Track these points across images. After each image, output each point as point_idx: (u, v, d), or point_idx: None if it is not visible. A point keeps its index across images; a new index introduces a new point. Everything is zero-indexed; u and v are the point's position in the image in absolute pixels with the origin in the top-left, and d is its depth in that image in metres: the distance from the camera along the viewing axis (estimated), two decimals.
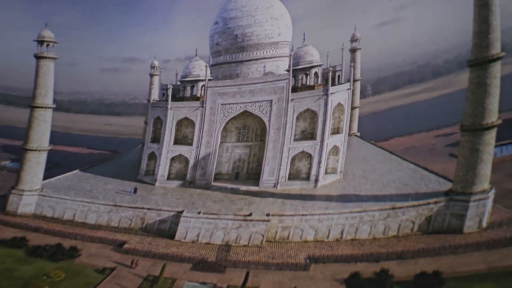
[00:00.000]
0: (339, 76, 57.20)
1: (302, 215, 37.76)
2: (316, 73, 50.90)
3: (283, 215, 37.99)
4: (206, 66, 49.34)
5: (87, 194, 44.78)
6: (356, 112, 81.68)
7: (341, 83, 54.96)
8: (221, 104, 47.85)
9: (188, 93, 51.31)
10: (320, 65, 50.83)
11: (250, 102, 47.18)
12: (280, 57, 56.01)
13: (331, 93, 46.83)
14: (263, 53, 53.86)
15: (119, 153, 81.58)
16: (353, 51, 75.62)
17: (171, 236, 38.33)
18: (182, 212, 39.11)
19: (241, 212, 39.37)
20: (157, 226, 39.99)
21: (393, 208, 37.34)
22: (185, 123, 50.31)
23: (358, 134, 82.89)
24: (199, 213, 38.68)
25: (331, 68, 47.02)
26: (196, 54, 52.73)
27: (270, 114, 47.16)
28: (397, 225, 37.20)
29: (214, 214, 38.38)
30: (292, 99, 46.81)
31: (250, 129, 51.20)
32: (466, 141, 36.89)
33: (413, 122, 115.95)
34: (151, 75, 76.75)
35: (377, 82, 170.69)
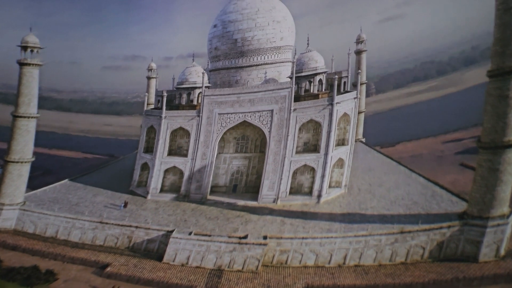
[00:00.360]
0: (345, 82, 54.01)
1: (303, 238, 34.56)
2: (320, 80, 47.68)
3: (281, 237, 34.81)
4: (203, 73, 46.33)
5: (72, 208, 41.99)
6: (362, 116, 77.92)
7: (347, 91, 51.83)
8: (218, 113, 44.81)
9: (184, 101, 48.38)
10: (325, 72, 47.65)
11: (249, 112, 44.08)
12: (282, 62, 52.85)
13: (336, 103, 43.60)
14: (264, 58, 50.73)
15: (115, 158, 79.06)
16: (358, 53, 71.93)
17: (160, 257, 35.38)
18: (172, 231, 36.17)
19: (237, 232, 36.31)
20: (145, 245, 37.09)
21: (402, 232, 33.97)
22: (180, 133, 47.37)
23: (363, 140, 79.14)
24: (190, 233, 35.67)
25: (336, 76, 43.67)
26: (193, 60, 49.77)
27: (270, 125, 44.02)
28: (405, 250, 33.84)
29: (206, 235, 35.33)
30: (294, 109, 43.62)
31: (250, 139, 48.13)
32: (484, 159, 33.34)
33: (419, 123, 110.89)
34: (148, 78, 74.15)
35: (381, 80, 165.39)
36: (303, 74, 46.42)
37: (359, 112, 71.37)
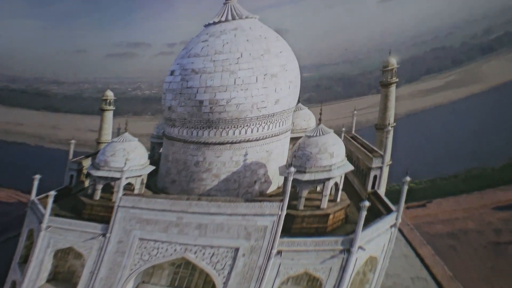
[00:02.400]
0: (375, 177, 34.05)
1: None
2: (336, 185, 27.78)
3: None
4: (123, 170, 26.41)
5: None
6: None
7: (375, 193, 32.29)
8: (139, 238, 24.97)
9: (98, 195, 28.55)
10: (343, 174, 27.84)
11: (195, 245, 24.12)
12: (275, 136, 32.91)
13: (358, 248, 23.46)
14: (246, 132, 30.68)
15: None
16: (385, 85, 51.26)
17: None
18: None
19: None
20: None
21: None
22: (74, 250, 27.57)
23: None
24: None
25: (365, 205, 23.35)
26: (125, 130, 30.42)
27: (229, 273, 23.76)
28: None
29: None
30: (278, 252, 23.49)
31: (196, 270, 27.78)
32: None
33: (449, 148, 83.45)
34: (103, 110, 54.83)
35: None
36: (306, 178, 26.42)
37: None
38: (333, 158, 27.42)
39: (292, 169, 24.86)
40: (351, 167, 28.77)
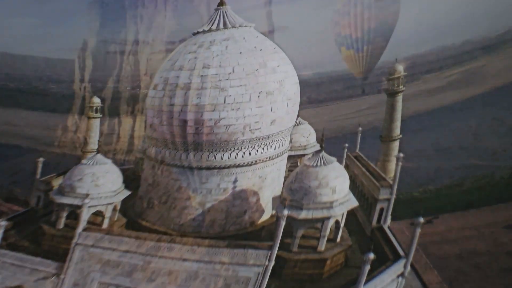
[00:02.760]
0: (382, 211, 30.45)
1: None
2: (337, 224, 24.16)
3: None
4: (84, 202, 22.71)
5: None
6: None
7: (383, 229, 28.85)
8: (99, 282, 21.35)
9: (61, 224, 24.92)
10: (345, 211, 24.22)
11: None
12: (270, 159, 29.18)
13: None
14: (236, 156, 27.03)
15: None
16: (391, 94, 47.66)
17: None
18: None
19: None
20: None
21: None
22: None
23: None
24: None
25: (369, 258, 19.67)
26: (98, 150, 26.96)
27: None
28: None
29: None
30: None
31: None
32: None
33: (451, 151, 78.51)
34: (89, 118, 52.40)
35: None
36: (302, 215, 22.71)
37: None
38: (335, 194, 23.70)
39: (286, 212, 21.09)
40: (355, 203, 25.07)
